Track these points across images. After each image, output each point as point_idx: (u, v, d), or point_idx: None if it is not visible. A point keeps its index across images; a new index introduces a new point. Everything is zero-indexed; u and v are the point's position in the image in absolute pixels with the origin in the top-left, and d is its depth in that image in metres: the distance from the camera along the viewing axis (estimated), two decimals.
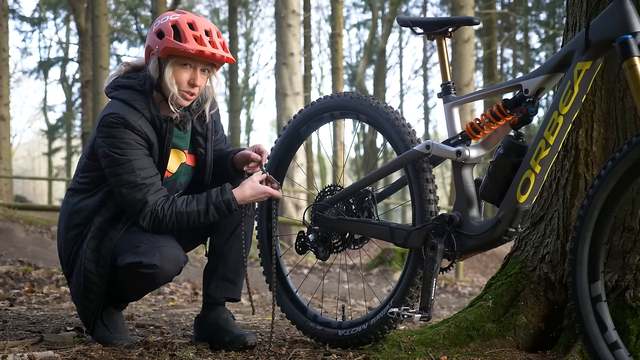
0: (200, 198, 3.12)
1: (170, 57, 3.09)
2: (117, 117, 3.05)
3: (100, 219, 3.15)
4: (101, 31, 16.53)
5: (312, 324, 3.30)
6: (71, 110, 32.37)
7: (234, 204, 3.12)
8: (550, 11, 27.64)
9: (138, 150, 3.07)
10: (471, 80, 14.28)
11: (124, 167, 3.04)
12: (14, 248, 9.73)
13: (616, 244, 2.88)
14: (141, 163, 3.07)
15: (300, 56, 14.83)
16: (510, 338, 3.04)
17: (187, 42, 3.04)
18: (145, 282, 3.10)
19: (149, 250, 3.05)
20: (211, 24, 3.14)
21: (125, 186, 3.05)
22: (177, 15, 3.10)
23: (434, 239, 2.87)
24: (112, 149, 3.05)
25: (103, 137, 3.07)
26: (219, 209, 3.11)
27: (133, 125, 3.06)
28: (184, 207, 3.09)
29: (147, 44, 3.15)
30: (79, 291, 3.16)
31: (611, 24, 2.39)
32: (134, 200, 3.06)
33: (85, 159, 3.20)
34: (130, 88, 3.14)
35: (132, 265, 3.04)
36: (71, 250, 3.18)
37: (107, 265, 3.11)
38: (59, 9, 31.26)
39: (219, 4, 33.57)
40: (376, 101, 3.14)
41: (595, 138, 3.01)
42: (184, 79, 3.11)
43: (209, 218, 3.12)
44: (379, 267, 10.91)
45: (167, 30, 3.06)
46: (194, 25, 3.08)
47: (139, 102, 3.11)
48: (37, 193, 47.25)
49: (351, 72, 34.02)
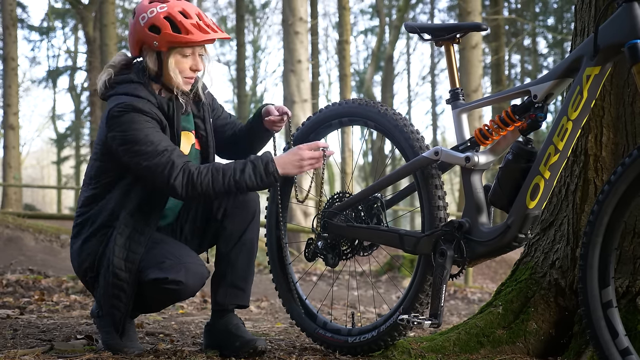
0: (238, 161, 3.07)
1: (171, 49, 3.08)
2: (124, 106, 3.03)
3: (125, 212, 3.11)
4: (109, 40, 16.59)
5: (322, 331, 3.30)
6: (80, 118, 32.46)
7: (272, 166, 3.01)
8: (558, 16, 27.60)
9: (152, 127, 3.04)
10: (479, 86, 14.28)
11: (141, 142, 2.99)
12: (24, 256, 9.76)
13: (626, 250, 2.88)
14: (158, 136, 3.04)
15: (308, 63, 14.85)
16: (520, 344, 3.03)
17: (191, 34, 3.04)
18: (169, 297, 3.14)
19: (175, 266, 3.06)
20: (193, 5, 3.14)
21: (148, 158, 2.98)
22: (164, 6, 3.07)
23: (444, 245, 2.86)
24: (126, 133, 3.00)
25: (114, 129, 3.04)
26: (256, 168, 3.01)
27: (142, 108, 3.04)
28: (220, 165, 3.04)
29: (136, 38, 3.11)
30: (108, 292, 3.12)
31: (620, 28, 2.38)
32: (161, 166, 2.98)
33: (98, 162, 3.17)
34: (127, 82, 3.13)
35: (157, 280, 3.05)
36: (96, 254, 3.14)
37: (136, 260, 3.09)
38: (67, 18, 31.35)
39: (226, 11, 33.66)
40: (384, 108, 3.14)
41: (604, 143, 3.00)
42: (186, 67, 3.12)
43: (245, 178, 3.00)
44: (388, 274, 10.89)
45: (163, 24, 3.04)
46: (186, 13, 3.06)
47: (141, 91, 3.09)
48: (47, 201, 47.34)
49: (359, 79, 34.02)
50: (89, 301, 5.79)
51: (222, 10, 33.99)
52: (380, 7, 29.05)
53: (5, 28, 19.97)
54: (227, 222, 3.29)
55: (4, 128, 20.43)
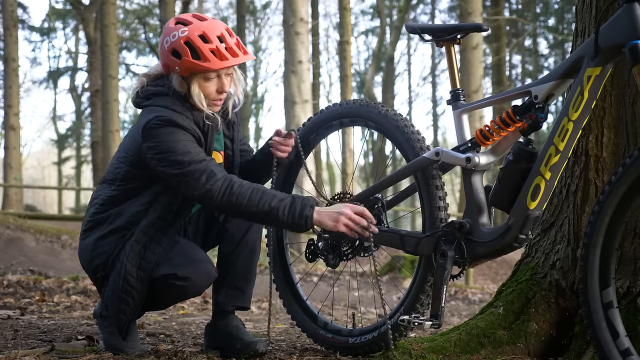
0: (281, 193, 3.00)
1: (193, 75, 3.05)
2: (163, 120, 3.00)
3: (146, 221, 3.10)
4: (110, 40, 16.60)
5: (323, 332, 3.30)
6: (81, 119, 32.51)
7: (309, 211, 2.90)
8: (559, 17, 27.62)
9: (190, 141, 3.02)
10: (480, 87, 14.28)
11: (178, 152, 2.96)
12: (25, 257, 9.77)
13: (627, 250, 2.87)
14: (196, 148, 3.02)
15: (309, 64, 14.84)
16: (521, 345, 3.03)
17: (208, 61, 2.98)
18: (176, 293, 3.14)
19: (184, 263, 3.07)
20: (219, 24, 3.07)
21: (185, 166, 2.95)
22: (185, 29, 3.02)
23: (444, 246, 2.86)
24: (164, 144, 2.98)
25: (151, 140, 3.01)
26: (294, 204, 2.91)
27: (181, 123, 3.02)
28: (263, 187, 2.98)
29: (163, 61, 3.09)
30: (116, 294, 3.11)
31: (621, 29, 2.38)
32: (198, 172, 2.95)
33: (127, 167, 3.14)
34: (163, 95, 3.10)
35: (166, 276, 3.06)
36: (110, 254, 3.12)
37: (149, 269, 3.08)
38: (68, 18, 31.40)
39: (227, 12, 33.64)
40: (385, 108, 3.14)
41: (605, 144, 3.00)
42: (212, 90, 3.08)
43: (279, 208, 2.91)
44: (388, 275, 10.89)
45: (182, 50, 3.00)
46: (206, 37, 3.00)
47: (178, 106, 3.07)
48: (47, 202, 47.37)
49: (360, 80, 34.04)
50: (89, 302, 5.80)
51: (222, 11, 34.00)
52: (381, 8, 29.06)
53: (6, 29, 20.01)
54: (228, 223, 3.30)
55: (4, 129, 20.46)
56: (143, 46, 31.03)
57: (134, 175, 3.14)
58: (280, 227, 3.12)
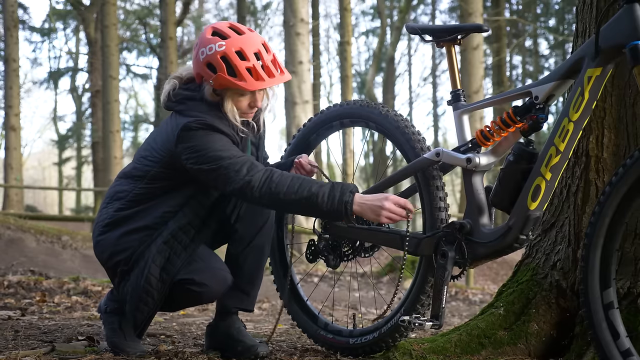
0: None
1: (227, 89, 3.03)
2: (203, 123, 2.99)
3: (175, 225, 3.10)
4: (110, 41, 16.61)
5: (323, 333, 3.30)
6: (81, 120, 32.51)
7: (349, 197, 2.88)
8: (559, 17, 27.62)
9: (228, 142, 3.02)
10: (480, 87, 14.29)
11: (218, 149, 2.95)
12: (25, 258, 9.78)
13: (628, 251, 2.87)
14: (235, 147, 3.02)
15: (309, 64, 14.85)
16: (522, 346, 3.03)
17: (244, 81, 2.96)
18: (191, 298, 3.16)
19: (202, 269, 3.09)
20: (256, 39, 3.04)
21: (226, 159, 2.94)
22: (222, 44, 2.98)
23: (445, 246, 2.86)
24: (202, 144, 2.96)
25: (189, 141, 2.99)
26: (333, 191, 2.89)
27: (221, 128, 3.01)
28: (302, 176, 2.97)
29: (196, 70, 3.06)
30: (137, 293, 3.09)
31: (621, 30, 2.38)
32: (239, 164, 2.94)
33: (159, 167, 3.11)
34: (196, 100, 3.07)
35: (183, 281, 3.07)
36: (134, 251, 3.11)
37: (173, 272, 3.08)
38: (68, 19, 31.40)
39: (227, 13, 33.67)
40: (385, 109, 3.14)
41: (605, 144, 3.00)
42: (244, 104, 3.08)
43: (318, 194, 2.88)
44: (389, 275, 10.89)
45: (218, 65, 2.97)
46: (243, 54, 2.97)
47: (214, 112, 3.05)
48: (48, 203, 47.41)
49: (360, 80, 34.05)
50: (90, 302, 5.80)
51: (223, 12, 34.04)
52: (382, 9, 29.06)
53: (6, 29, 20.05)
54: (239, 224, 3.27)
55: (5, 129, 20.49)
56: (144, 47, 31.04)
57: (165, 176, 3.12)
58: (321, 215, 3.06)
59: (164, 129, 3.14)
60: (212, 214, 3.19)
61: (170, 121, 3.11)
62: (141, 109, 38.39)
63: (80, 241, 12.10)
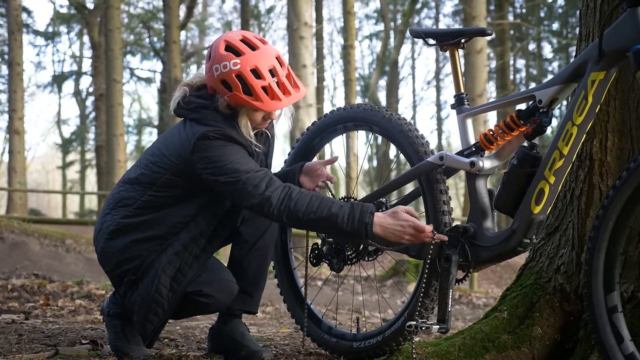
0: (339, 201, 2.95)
1: (242, 106, 3.00)
2: (220, 133, 2.96)
3: (187, 235, 3.07)
4: (114, 44, 16.66)
5: (327, 336, 3.30)
6: (85, 123, 32.59)
7: (369, 218, 2.82)
8: (563, 21, 27.61)
9: (246, 153, 3.00)
10: (484, 91, 14.28)
11: (235, 161, 2.92)
12: (29, 261, 9.79)
13: (632, 255, 2.87)
14: (253, 161, 2.99)
15: (313, 68, 14.85)
16: (525, 349, 3.02)
17: (260, 101, 2.93)
18: (198, 309, 3.15)
19: (210, 281, 3.08)
20: (270, 53, 2.99)
21: (244, 173, 2.90)
22: (237, 62, 2.93)
23: (448, 250, 2.86)
24: (220, 155, 2.93)
25: (205, 151, 2.95)
26: (353, 211, 2.84)
27: (238, 139, 2.98)
28: (321, 195, 2.93)
29: (210, 84, 3.02)
30: (146, 303, 3.06)
31: (625, 33, 2.38)
32: (258, 178, 2.90)
33: (170, 175, 3.06)
34: (210, 109, 3.04)
35: (191, 292, 3.06)
36: (144, 260, 3.07)
37: (184, 283, 3.05)
38: (72, 23, 31.49)
39: (231, 17, 33.71)
40: (389, 113, 3.13)
41: (609, 148, 3.00)
42: (259, 118, 3.05)
43: (337, 215, 2.83)
44: (393, 279, 10.88)
45: (234, 83, 2.94)
46: (258, 72, 2.93)
47: (229, 122, 3.02)
48: (52, 206, 47.46)
49: (364, 84, 34.08)
50: (93, 306, 5.80)
51: (227, 15, 34.07)
52: (385, 12, 29.08)
53: (10, 33, 20.10)
54: (243, 227, 3.26)
55: (9, 133, 20.51)
56: (147, 50, 31.09)
57: (176, 184, 3.07)
58: (341, 235, 3.03)
59: (176, 136, 3.08)
60: (224, 223, 3.17)
61: (184, 128, 3.05)
62: (145, 112, 38.47)
63: (84, 245, 12.11)
